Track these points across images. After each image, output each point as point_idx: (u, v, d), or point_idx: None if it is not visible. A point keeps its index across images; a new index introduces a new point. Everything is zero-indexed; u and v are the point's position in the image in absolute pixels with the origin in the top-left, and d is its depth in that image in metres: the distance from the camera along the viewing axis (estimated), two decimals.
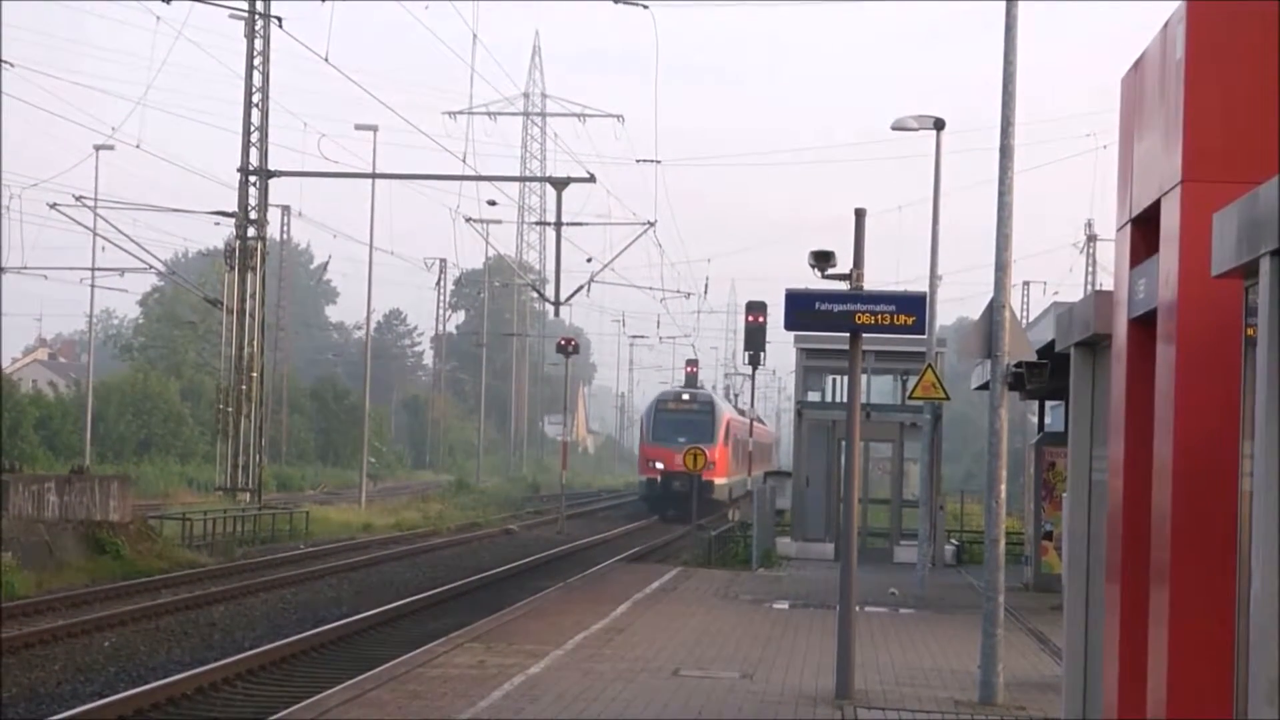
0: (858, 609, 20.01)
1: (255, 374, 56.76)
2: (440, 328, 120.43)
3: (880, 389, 45.22)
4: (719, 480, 69.53)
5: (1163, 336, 10.51)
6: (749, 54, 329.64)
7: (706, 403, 73.12)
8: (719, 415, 71.96)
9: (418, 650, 22.20)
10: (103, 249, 61.61)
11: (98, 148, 64.72)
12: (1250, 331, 8.64)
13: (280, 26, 55.49)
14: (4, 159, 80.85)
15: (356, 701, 17.44)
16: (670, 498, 68.32)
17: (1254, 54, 10.03)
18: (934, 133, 33.20)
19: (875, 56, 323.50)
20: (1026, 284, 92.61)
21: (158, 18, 70.30)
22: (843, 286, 18.98)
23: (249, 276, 55.98)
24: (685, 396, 73.36)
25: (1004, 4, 19.21)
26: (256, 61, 56.16)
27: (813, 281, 19.16)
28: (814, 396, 44.67)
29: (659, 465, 69.87)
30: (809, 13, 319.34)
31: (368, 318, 76.93)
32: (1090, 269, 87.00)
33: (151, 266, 62.79)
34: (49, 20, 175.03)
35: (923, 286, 32.62)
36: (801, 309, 18.71)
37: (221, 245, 63.72)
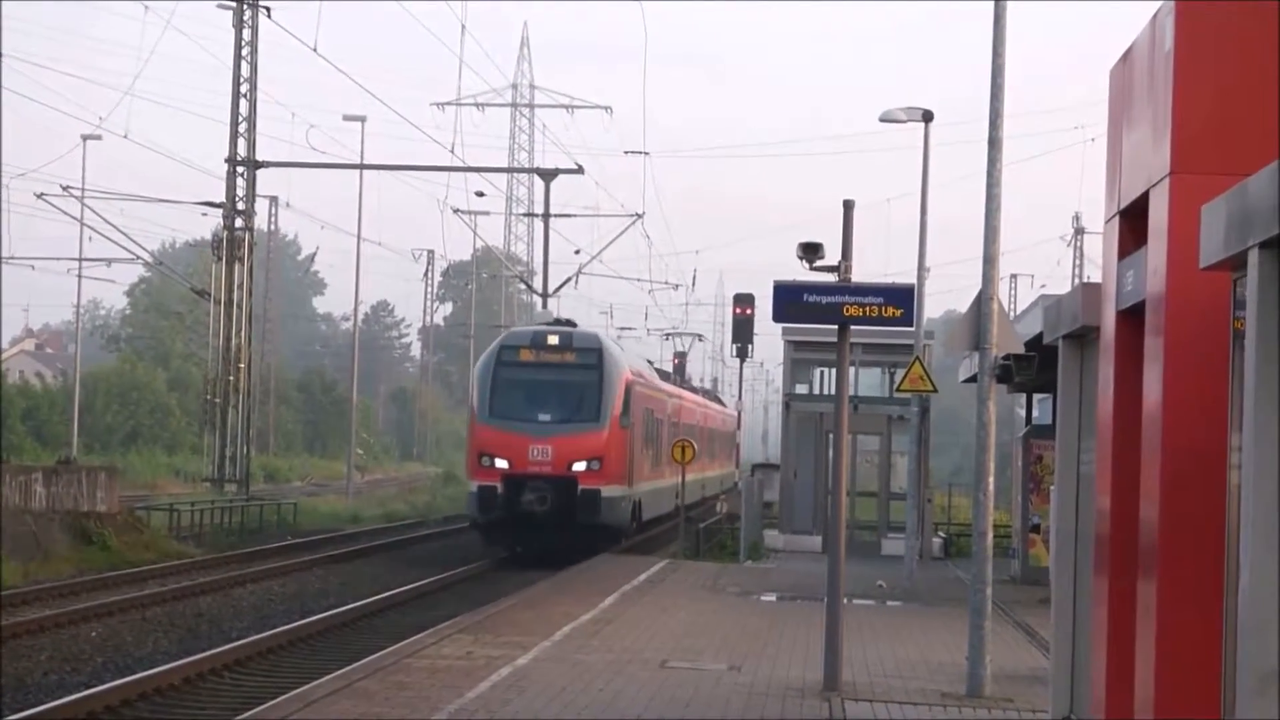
0: (845, 601, 20.01)
1: (243, 365, 56.73)
2: (428, 319, 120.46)
3: (868, 381, 45.22)
4: (610, 490, 40.40)
5: (1150, 329, 10.51)
6: (738, 44, 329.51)
7: (590, 350, 41.79)
8: (611, 374, 41.36)
9: (405, 641, 22.19)
10: (90, 239, 61.72)
11: (85, 138, 64.73)
12: (1238, 324, 8.65)
13: (269, 16, 55.44)
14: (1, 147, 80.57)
15: (344, 692, 17.42)
16: (520, 520, 39.62)
17: (1243, 46, 10.04)
18: (922, 125, 33.20)
19: (866, 47, 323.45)
20: (1014, 277, 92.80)
21: (146, 7, 70.46)
22: (831, 279, 18.99)
23: (236, 267, 55.94)
24: (552, 340, 41.56)
25: None
26: (245, 52, 56.09)
27: (801, 273, 19.17)
28: (802, 389, 44.73)
29: (500, 463, 39.98)
30: (798, 3, 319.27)
31: (355, 309, 76.95)
32: (1078, 262, 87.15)
33: (139, 257, 62.79)
34: (36, 9, 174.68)
35: (911, 279, 32.65)
36: (790, 301, 18.70)
37: (209, 236, 63.64)
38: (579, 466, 39.76)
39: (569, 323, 45.63)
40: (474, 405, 41.71)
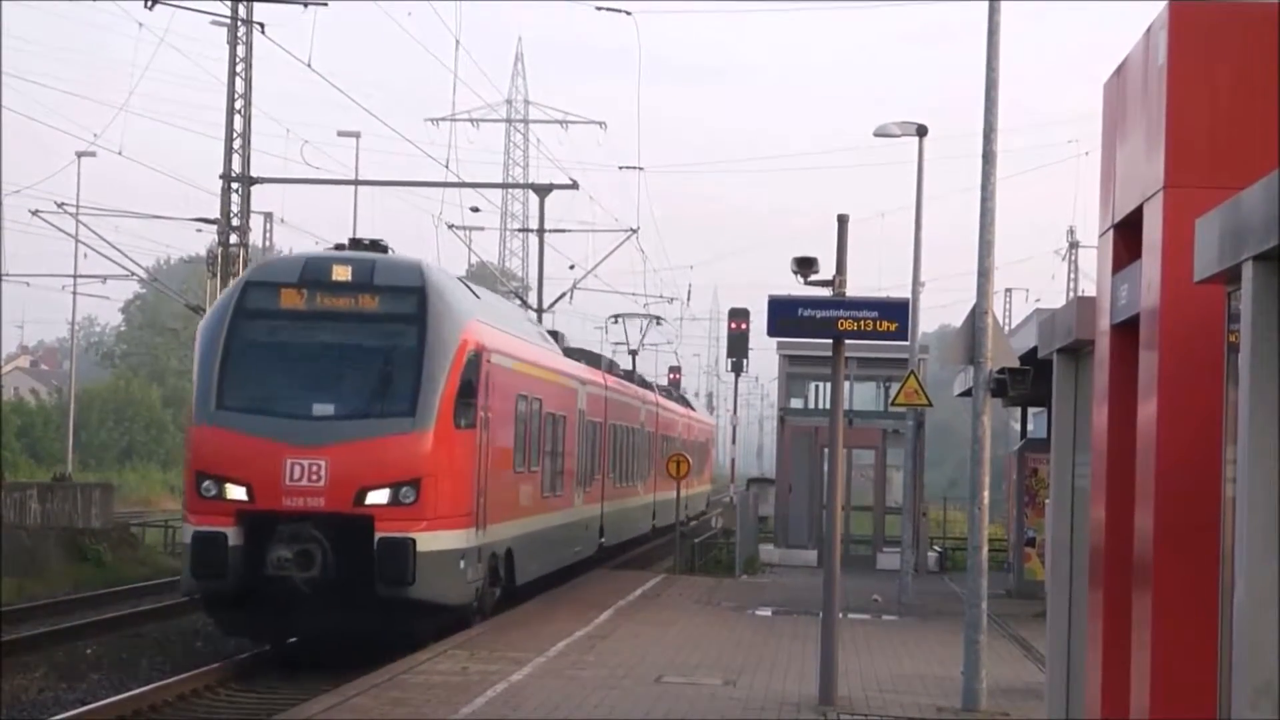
0: (841, 615, 20.00)
1: None
2: None
3: (863, 395, 45.26)
4: (435, 538, 22.75)
5: (1145, 342, 10.52)
6: (733, 58, 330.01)
7: (407, 290, 23.46)
8: (442, 332, 23.23)
9: (401, 658, 22.14)
10: (85, 256, 61.51)
11: (80, 154, 64.66)
12: (1232, 337, 8.66)
13: (263, 32, 55.35)
14: (2, 165, 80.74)
15: (339, 708, 17.40)
16: (270, 592, 22.37)
17: (1236, 59, 10.05)
18: (916, 139, 33.14)
19: (862, 61, 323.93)
20: (1009, 291, 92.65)
21: (140, 24, 70.48)
22: (826, 293, 18.99)
23: (231, 283, 55.89)
24: (339, 273, 23.46)
25: (986, 7, 19.22)
26: (239, 67, 56.03)
27: (796, 288, 19.18)
28: (797, 403, 44.73)
29: (235, 492, 22.42)
30: (794, 17, 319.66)
31: None
32: (1073, 275, 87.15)
33: (134, 273, 62.51)
34: (30, 25, 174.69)
35: (905, 293, 32.63)
36: (785, 315, 18.70)
37: (204, 252, 63.58)
38: (377, 497, 22.55)
39: (376, 245, 25.32)
40: (194, 393, 23.68)
